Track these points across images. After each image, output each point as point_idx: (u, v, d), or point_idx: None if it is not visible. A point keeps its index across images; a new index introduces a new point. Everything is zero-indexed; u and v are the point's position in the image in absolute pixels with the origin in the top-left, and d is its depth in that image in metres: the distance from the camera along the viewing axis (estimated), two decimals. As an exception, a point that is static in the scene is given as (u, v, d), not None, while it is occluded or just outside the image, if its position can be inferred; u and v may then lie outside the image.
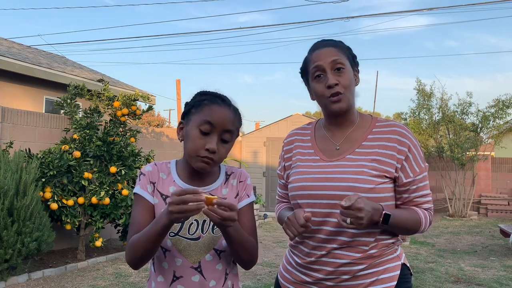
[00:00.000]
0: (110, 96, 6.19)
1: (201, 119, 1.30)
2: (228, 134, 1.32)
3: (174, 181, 1.37)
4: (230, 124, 1.32)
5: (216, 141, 1.30)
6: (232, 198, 1.40)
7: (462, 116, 11.16)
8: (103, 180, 5.68)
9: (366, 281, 1.40)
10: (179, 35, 31.80)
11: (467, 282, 5.08)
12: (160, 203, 1.34)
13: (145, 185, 1.36)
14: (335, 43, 1.51)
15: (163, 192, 1.35)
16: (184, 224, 1.32)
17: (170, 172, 1.39)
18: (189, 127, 1.33)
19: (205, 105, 1.32)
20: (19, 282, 4.68)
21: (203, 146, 1.28)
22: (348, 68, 1.47)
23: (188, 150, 1.32)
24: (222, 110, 1.31)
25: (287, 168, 1.60)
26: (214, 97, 1.35)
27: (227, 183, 1.41)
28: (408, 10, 36.83)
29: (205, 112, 1.30)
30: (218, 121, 1.29)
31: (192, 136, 1.31)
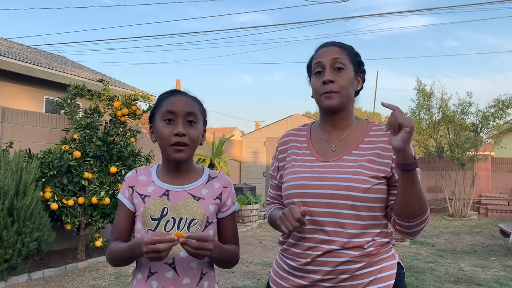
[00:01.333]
0: (110, 96, 6.19)
1: (162, 111, 1.38)
2: (191, 116, 1.38)
3: (153, 181, 1.43)
4: (189, 106, 1.39)
5: (182, 124, 1.36)
6: (211, 199, 1.43)
7: (462, 116, 11.16)
8: (103, 180, 5.69)
9: (365, 280, 1.40)
10: (179, 35, 31.80)
11: (467, 282, 5.08)
12: (139, 203, 1.41)
13: (124, 190, 1.45)
14: (342, 45, 1.52)
15: (142, 192, 1.42)
16: (161, 222, 1.37)
17: (150, 174, 1.46)
18: (156, 124, 1.41)
19: (163, 100, 1.41)
20: (19, 282, 4.68)
21: (171, 133, 1.35)
22: (349, 70, 1.47)
23: (161, 143, 1.39)
24: (177, 98, 1.41)
25: (281, 169, 1.60)
26: (170, 92, 1.45)
27: (208, 184, 1.45)
28: (408, 10, 36.82)
29: (163, 105, 1.40)
30: (176, 107, 1.37)
31: (160, 129, 1.38)
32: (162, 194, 1.40)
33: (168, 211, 1.37)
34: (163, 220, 1.36)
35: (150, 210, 1.38)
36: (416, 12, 29.32)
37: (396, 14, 18.64)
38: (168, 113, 1.37)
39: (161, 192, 1.40)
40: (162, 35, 39.14)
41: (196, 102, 1.44)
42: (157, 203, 1.38)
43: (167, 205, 1.38)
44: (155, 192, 1.40)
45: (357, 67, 1.51)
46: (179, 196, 1.40)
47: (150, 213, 1.37)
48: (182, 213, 1.38)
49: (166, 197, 1.39)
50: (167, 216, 1.37)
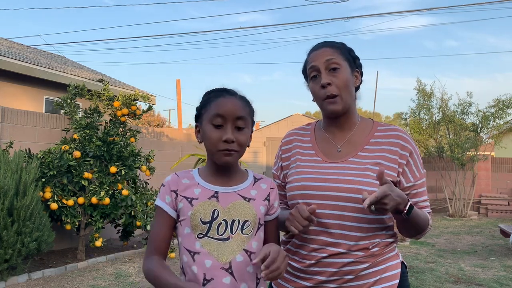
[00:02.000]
0: (110, 96, 6.19)
1: (211, 114, 1.31)
2: (241, 120, 1.31)
3: (198, 183, 1.35)
4: (239, 110, 1.31)
5: (231, 130, 1.29)
6: (261, 200, 1.36)
7: (462, 116, 11.15)
8: (103, 180, 5.68)
9: (370, 280, 1.39)
10: (179, 35, 31.82)
11: (467, 282, 5.07)
12: (186, 206, 1.31)
13: (164, 196, 1.34)
14: (332, 44, 1.50)
15: (188, 195, 1.32)
16: (213, 225, 1.29)
17: (193, 177, 1.37)
18: (203, 126, 1.34)
19: (212, 101, 1.33)
20: (19, 282, 4.68)
21: (220, 139, 1.29)
22: (344, 69, 1.45)
23: (208, 147, 1.33)
24: (228, 100, 1.32)
25: (285, 168, 1.58)
26: (219, 91, 1.36)
27: (256, 185, 1.39)
28: (408, 10, 36.82)
29: (213, 107, 1.31)
30: (226, 110, 1.30)
31: (208, 132, 1.31)
32: (210, 196, 1.32)
33: (219, 213, 1.30)
34: (215, 223, 1.29)
35: (200, 213, 1.29)
36: (416, 12, 29.32)
37: (396, 14, 18.64)
38: (217, 117, 1.30)
39: (210, 194, 1.32)
40: (162, 35, 39.19)
41: (246, 104, 1.36)
42: (207, 205, 1.30)
43: (217, 207, 1.30)
44: (202, 194, 1.32)
45: (352, 63, 1.50)
46: (229, 198, 1.32)
47: (200, 216, 1.29)
48: (234, 215, 1.30)
49: (216, 199, 1.31)
50: (218, 218, 1.29)
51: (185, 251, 1.30)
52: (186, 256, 1.30)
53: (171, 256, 5.76)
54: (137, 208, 5.74)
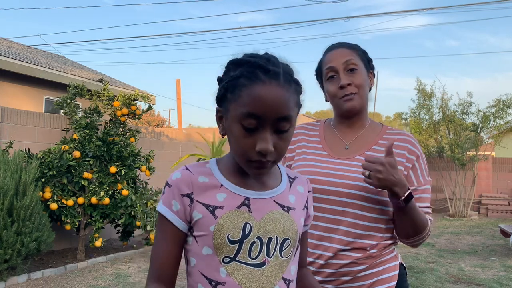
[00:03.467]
0: (110, 96, 6.18)
1: (241, 111, 0.89)
2: (284, 121, 0.90)
3: (221, 185, 0.97)
4: (284, 107, 0.89)
5: (269, 137, 0.90)
6: (300, 209, 1.05)
7: (463, 116, 11.15)
8: (103, 180, 5.68)
9: (367, 282, 1.39)
10: (179, 35, 31.82)
11: (467, 282, 5.07)
12: (207, 218, 0.94)
13: (170, 201, 0.96)
14: (350, 45, 1.51)
15: (209, 202, 0.95)
16: (244, 245, 0.94)
17: (211, 173, 0.99)
18: (228, 121, 0.94)
19: (243, 86, 0.89)
20: (19, 282, 4.67)
21: (253, 147, 0.90)
22: (361, 70, 1.46)
23: (235, 152, 0.95)
24: (268, 90, 0.88)
25: (288, 159, 1.58)
26: (253, 68, 0.90)
27: (293, 187, 1.06)
28: (408, 10, 36.84)
29: (244, 98, 0.89)
30: (265, 110, 0.88)
31: (236, 134, 0.92)
32: (240, 204, 0.96)
33: (251, 228, 0.94)
34: (246, 242, 0.94)
35: (227, 228, 0.93)
36: (416, 12, 29.30)
37: (396, 14, 18.65)
38: (249, 117, 0.88)
39: (239, 201, 0.96)
40: (162, 34, 39.22)
41: (294, 90, 0.93)
42: (235, 217, 0.94)
43: (249, 220, 0.95)
44: (229, 201, 0.96)
45: (367, 64, 1.51)
46: (264, 207, 0.98)
47: (227, 232, 0.93)
48: (270, 230, 0.96)
49: (247, 208, 0.96)
50: (251, 236, 0.94)
51: (203, 278, 0.95)
52: (204, 286, 0.95)
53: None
54: (137, 208, 5.74)
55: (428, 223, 1.42)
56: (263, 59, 0.91)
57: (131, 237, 6.26)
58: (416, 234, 1.41)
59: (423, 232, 1.41)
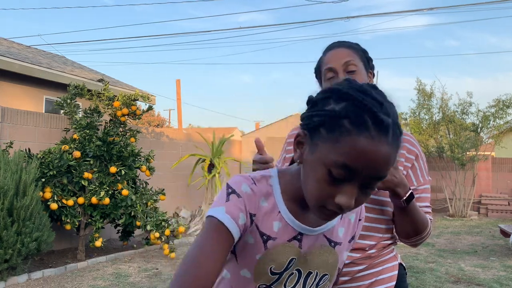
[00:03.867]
0: (110, 96, 6.18)
1: (335, 159, 0.76)
2: (378, 180, 0.79)
3: (279, 212, 0.89)
4: (385, 169, 0.77)
5: (354, 192, 0.79)
6: (346, 242, 1.00)
7: (463, 116, 11.15)
8: (103, 180, 5.68)
9: (365, 282, 1.39)
10: (179, 35, 31.80)
11: (467, 282, 5.07)
12: (256, 246, 0.88)
13: (237, 212, 0.85)
14: (350, 44, 1.50)
15: (265, 231, 0.88)
16: (283, 275, 0.90)
17: (272, 195, 0.90)
18: (313, 157, 0.80)
19: (346, 131, 0.75)
20: (19, 282, 4.68)
21: (332, 197, 0.79)
22: (361, 70, 1.45)
23: (309, 193, 0.83)
24: (375, 148, 0.74)
25: (288, 160, 1.59)
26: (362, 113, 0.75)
27: (344, 218, 0.98)
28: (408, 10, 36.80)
29: (344, 147, 0.75)
30: (363, 167, 0.75)
31: (318, 177, 0.79)
32: (292, 237, 0.90)
33: (295, 262, 0.91)
34: (286, 273, 0.91)
35: (273, 261, 0.89)
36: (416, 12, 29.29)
37: (396, 14, 18.65)
38: (342, 168, 0.76)
39: (291, 234, 0.90)
40: (162, 34, 39.21)
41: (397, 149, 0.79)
42: (285, 250, 0.89)
43: (296, 254, 0.90)
44: (282, 232, 0.89)
45: (366, 64, 1.50)
46: (314, 241, 0.93)
47: (272, 265, 0.89)
48: (312, 265, 0.93)
49: (298, 243, 0.90)
50: (292, 268, 0.91)
51: None
52: None
53: (171, 256, 5.76)
54: (137, 208, 5.74)
55: (428, 223, 1.42)
56: (375, 102, 0.76)
57: (131, 237, 6.26)
58: (417, 234, 1.40)
59: (423, 232, 1.41)
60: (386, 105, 0.78)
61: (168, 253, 5.75)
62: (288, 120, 12.02)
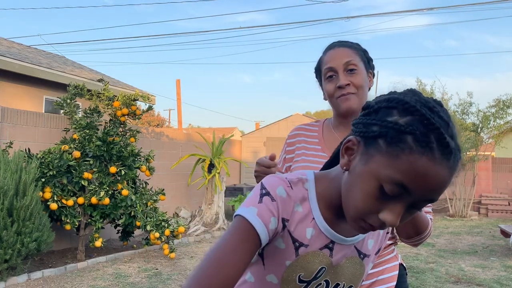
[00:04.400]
0: (110, 96, 6.18)
1: (391, 174, 0.73)
2: (428, 202, 0.76)
3: (313, 219, 0.86)
4: (439, 192, 0.74)
5: (402, 212, 0.76)
6: (373, 254, 0.98)
7: (463, 116, 11.15)
8: (103, 180, 5.68)
9: (366, 282, 1.39)
10: (179, 35, 31.80)
11: (467, 282, 5.07)
12: (287, 252, 0.86)
13: (269, 216, 0.81)
14: (350, 44, 1.50)
15: (298, 238, 0.85)
16: (310, 285, 0.89)
17: (307, 200, 0.87)
18: (365, 168, 0.77)
19: (408, 148, 0.72)
20: (19, 282, 4.67)
21: (376, 212, 0.76)
22: (361, 70, 1.46)
23: (351, 203, 0.79)
24: (437, 172, 0.71)
25: (288, 161, 1.58)
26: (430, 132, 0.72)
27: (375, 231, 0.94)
28: (408, 10, 36.82)
29: (403, 164, 0.71)
30: (420, 189, 0.72)
31: (366, 189, 0.76)
32: (324, 246, 0.87)
33: (325, 272, 0.88)
34: (314, 283, 0.89)
35: (303, 268, 0.87)
36: (416, 12, 29.32)
37: (396, 14, 18.65)
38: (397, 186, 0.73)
39: (324, 242, 0.87)
40: (162, 34, 39.21)
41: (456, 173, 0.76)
42: (316, 259, 0.87)
43: (327, 264, 0.88)
44: (315, 239, 0.87)
45: (367, 64, 1.50)
46: (344, 252, 0.90)
47: (301, 272, 0.87)
48: (340, 276, 0.91)
49: (329, 252, 0.88)
50: (320, 277, 0.88)
51: None
52: None
53: (171, 256, 5.76)
54: (137, 208, 5.74)
55: (429, 223, 1.41)
56: (442, 122, 0.72)
57: (131, 237, 6.26)
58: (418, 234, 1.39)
59: (424, 232, 1.40)
60: (452, 126, 0.74)
61: (168, 253, 5.75)
62: (288, 120, 12.01)
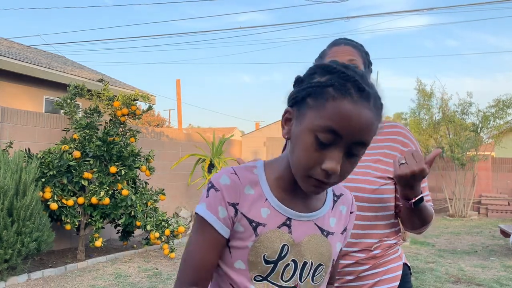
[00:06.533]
0: (110, 96, 6.18)
1: (321, 123, 0.81)
2: (361, 147, 0.84)
3: (266, 199, 0.91)
4: (367, 133, 0.82)
5: (340, 158, 0.82)
6: (339, 234, 1.00)
7: (462, 116, 11.16)
8: (103, 180, 5.68)
9: (370, 281, 1.39)
10: (179, 35, 31.82)
11: (467, 282, 5.07)
12: (246, 233, 0.90)
13: (216, 206, 0.89)
14: (355, 44, 1.51)
15: (253, 218, 0.90)
16: (278, 266, 0.90)
17: (258, 183, 0.92)
18: (301, 127, 0.85)
19: (331, 97, 0.81)
20: (19, 282, 4.67)
21: (319, 164, 0.82)
22: None
23: (296, 163, 0.86)
24: (357, 111, 0.80)
25: None
26: (346, 81, 0.82)
27: (335, 208, 1.00)
28: (408, 10, 36.82)
29: (329, 111, 0.81)
30: (348, 130, 0.80)
31: (305, 144, 0.83)
32: (281, 223, 0.91)
33: (289, 250, 0.91)
34: (281, 263, 0.91)
35: (265, 248, 0.90)
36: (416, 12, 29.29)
37: (396, 14, 18.65)
38: (328, 132, 0.81)
39: (281, 220, 0.91)
40: (162, 34, 39.22)
41: (379, 117, 0.86)
42: (276, 237, 0.90)
43: (288, 241, 0.91)
44: (271, 218, 0.91)
45: (366, 67, 1.50)
46: (304, 229, 0.93)
47: (265, 252, 0.89)
48: (307, 254, 0.93)
49: (287, 229, 0.91)
50: (286, 258, 0.91)
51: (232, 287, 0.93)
52: None
53: (171, 256, 5.76)
54: (137, 208, 5.74)
55: (432, 212, 1.44)
56: (358, 74, 0.84)
57: (131, 237, 6.26)
58: (424, 225, 1.43)
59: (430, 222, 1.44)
60: (365, 78, 0.85)
61: (168, 253, 5.75)
62: (288, 120, 12.03)
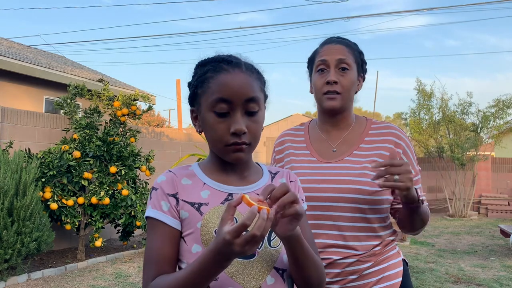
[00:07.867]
0: (110, 96, 6.19)
1: (211, 99, 0.97)
2: (252, 103, 0.98)
3: (204, 183, 1.03)
4: (249, 89, 0.98)
5: (240, 119, 0.97)
6: None
7: (462, 116, 11.15)
8: (103, 180, 5.68)
9: (373, 279, 1.40)
10: (179, 35, 31.81)
11: (467, 282, 5.07)
12: (193, 216, 0.98)
13: (159, 202, 0.99)
14: (348, 43, 1.50)
15: (194, 200, 1.00)
16: None
17: (194, 174, 1.05)
18: (202, 113, 1.01)
19: (210, 78, 0.99)
20: (19, 282, 4.68)
21: (228, 131, 0.97)
22: (352, 71, 1.45)
23: (212, 142, 1.02)
24: (233, 76, 0.98)
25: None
26: (217, 62, 1.01)
27: (274, 181, 1.10)
28: (408, 10, 36.82)
29: (213, 88, 0.98)
30: (232, 93, 0.96)
31: (210, 123, 0.99)
32: (224, 199, 1.00)
33: (237, 222, 0.94)
34: None
35: (213, 223, 0.97)
36: (416, 12, 29.33)
37: (396, 14, 18.64)
38: (219, 102, 0.96)
39: (222, 197, 1.01)
40: (162, 34, 39.25)
41: (257, 77, 1.03)
42: (221, 212, 0.98)
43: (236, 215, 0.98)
44: (213, 197, 1.01)
45: (360, 66, 1.50)
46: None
47: (215, 227, 0.96)
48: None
49: None
50: None
51: None
52: None
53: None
54: (137, 208, 5.74)
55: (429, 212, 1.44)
56: (226, 55, 1.03)
57: (131, 237, 6.26)
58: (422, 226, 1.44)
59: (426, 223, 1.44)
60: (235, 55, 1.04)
61: (168, 253, 5.75)
62: (288, 120, 12.02)
